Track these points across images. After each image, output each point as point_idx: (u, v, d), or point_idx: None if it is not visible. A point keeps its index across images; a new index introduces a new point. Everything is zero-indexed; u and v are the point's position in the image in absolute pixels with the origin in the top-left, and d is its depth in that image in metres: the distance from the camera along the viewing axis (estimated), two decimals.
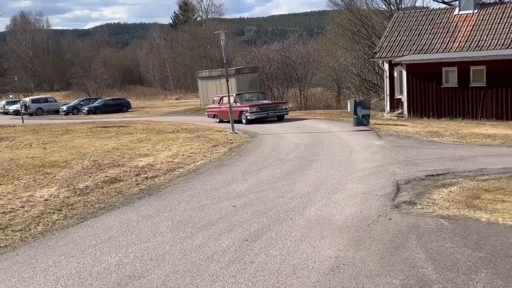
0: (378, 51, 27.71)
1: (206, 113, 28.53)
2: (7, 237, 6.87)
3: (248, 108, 23.29)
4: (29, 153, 15.17)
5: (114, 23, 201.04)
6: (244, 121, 23.75)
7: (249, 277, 5.02)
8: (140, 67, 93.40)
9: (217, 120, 26.12)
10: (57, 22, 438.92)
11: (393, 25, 28.62)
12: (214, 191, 9.33)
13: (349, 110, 22.09)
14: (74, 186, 10.03)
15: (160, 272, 5.29)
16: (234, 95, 24.92)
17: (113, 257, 5.84)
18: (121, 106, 49.66)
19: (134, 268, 5.45)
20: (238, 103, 23.89)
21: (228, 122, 22.42)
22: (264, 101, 25.35)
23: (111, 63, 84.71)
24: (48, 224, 7.51)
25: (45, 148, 16.43)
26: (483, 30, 24.91)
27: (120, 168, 11.89)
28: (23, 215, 7.96)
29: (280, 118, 24.40)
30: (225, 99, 24.35)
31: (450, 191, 8.36)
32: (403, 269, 5.03)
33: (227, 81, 21.77)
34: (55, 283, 5.14)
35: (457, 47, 24.83)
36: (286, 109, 25.27)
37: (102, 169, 11.81)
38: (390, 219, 6.88)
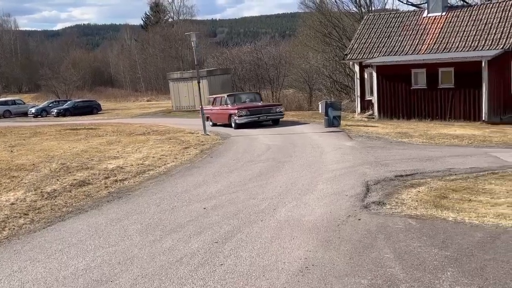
0: (349, 53, 27.98)
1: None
2: None
3: (236, 111, 21.41)
4: None
5: (84, 24, 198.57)
6: (233, 125, 21.88)
7: (219, 279, 5.01)
8: (111, 69, 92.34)
9: (210, 123, 23.61)
10: (25, 23, 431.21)
11: (364, 27, 28.93)
12: (184, 193, 9.29)
13: (320, 111, 22.26)
14: (42, 189, 9.86)
15: (128, 276, 5.23)
16: (225, 96, 23.44)
17: (80, 262, 5.75)
18: (91, 108, 49.03)
19: (101, 272, 5.38)
20: (229, 105, 22.38)
21: (223, 126, 22.66)
22: (256, 103, 23.10)
23: (81, 64, 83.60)
24: (14, 228, 7.36)
25: (12, 151, 16.12)
26: (451, 32, 25.34)
27: (89, 171, 11.73)
28: None
29: (275, 122, 22.40)
30: (219, 100, 23.62)
31: (419, 191, 8.47)
32: (371, 269, 5.08)
33: (199, 82, 21.71)
34: None
35: (426, 49, 25.21)
36: (281, 112, 22.63)
37: (70, 172, 11.63)
38: (359, 219, 6.94)
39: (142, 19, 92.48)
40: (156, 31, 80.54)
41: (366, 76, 26.64)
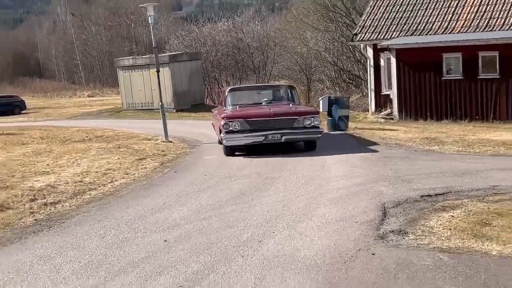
0: (360, 32, 28.12)
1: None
2: None
3: (222, 122, 15.56)
4: None
5: None
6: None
7: None
8: (39, 54, 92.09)
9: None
10: None
11: None
12: (138, 220, 9.27)
13: (321, 110, 22.35)
14: None
15: None
16: (226, 91, 18.42)
17: None
18: (12, 107, 48.73)
19: None
20: (229, 108, 16.95)
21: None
22: (275, 107, 16.62)
23: None
24: None
25: None
26: (495, 4, 25.51)
27: (9, 191, 11.65)
28: None
29: (309, 146, 16.20)
30: (222, 98, 18.82)
31: (452, 216, 8.51)
32: None
33: (158, 71, 21.61)
34: None
35: (462, 26, 25.40)
36: (316, 127, 15.80)
37: None
38: (373, 254, 6.97)
39: None
40: (100, 3, 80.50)
41: (382, 63, 26.78)
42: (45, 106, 54.57)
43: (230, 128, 15.18)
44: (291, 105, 16.98)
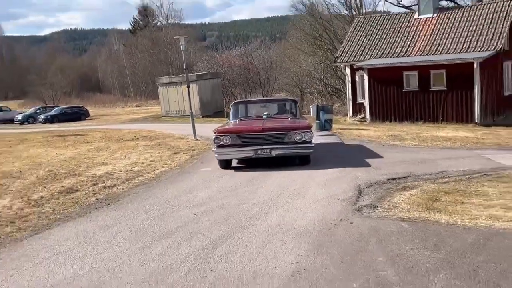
0: (340, 56, 28.10)
1: None
2: None
3: (213, 137, 12.48)
4: None
5: (71, 29, 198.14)
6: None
7: (209, 285, 5.01)
8: (99, 74, 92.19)
9: None
10: (11, 29, 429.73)
11: (354, 29, 29.08)
12: (174, 199, 9.27)
13: (311, 115, 22.31)
14: (29, 197, 9.82)
15: (118, 283, 5.22)
16: (231, 105, 15.31)
17: (68, 269, 5.73)
18: (79, 115, 48.86)
19: (90, 280, 5.36)
20: (232, 121, 14.01)
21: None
22: (262, 124, 12.72)
23: (69, 70, 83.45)
24: (0, 237, 7.33)
25: None
26: (443, 34, 25.53)
27: (77, 178, 11.70)
28: None
29: (303, 161, 12.54)
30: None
31: (411, 194, 8.52)
32: (363, 272, 5.10)
33: (188, 87, 21.68)
34: None
35: (418, 51, 25.38)
36: (307, 142, 12.26)
37: (58, 179, 11.59)
38: (351, 223, 6.97)
39: (130, 23, 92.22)
40: (145, 35, 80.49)
41: (357, 79, 26.77)
42: (104, 114, 54.68)
43: (221, 143, 12.10)
44: (289, 118, 13.37)
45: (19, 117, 49.59)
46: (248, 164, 12.55)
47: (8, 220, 8.19)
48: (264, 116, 13.64)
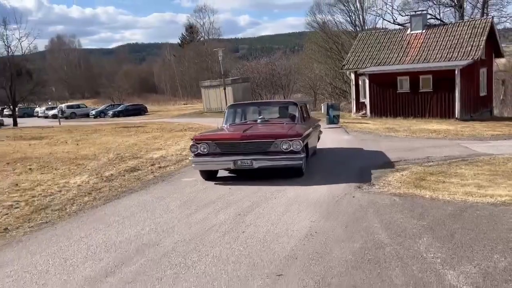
0: (346, 64, 27.81)
1: None
2: (47, 215, 6.90)
3: (190, 144, 9.07)
4: (64, 148, 15.14)
5: (133, 43, 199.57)
6: None
7: (241, 243, 5.10)
8: (155, 79, 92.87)
9: None
10: (86, 43, 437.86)
11: (358, 43, 28.71)
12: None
13: (322, 111, 22.21)
14: (101, 174, 10.05)
15: (170, 240, 5.35)
16: (226, 109, 11.21)
17: (133, 230, 5.88)
18: (139, 111, 49.48)
19: (149, 238, 5.51)
20: (224, 126, 10.33)
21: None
22: (242, 131, 8.89)
23: (131, 75, 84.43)
24: (80, 204, 7.54)
25: (77, 144, 16.41)
26: (430, 46, 25.07)
27: (138, 160, 11.92)
28: (60, 197, 7.99)
29: (294, 173, 8.75)
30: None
31: (402, 175, 8.46)
32: (363, 235, 5.13)
33: (224, 89, 21.79)
34: (87, 250, 5.19)
35: (409, 60, 24.96)
36: (296, 153, 8.41)
37: (123, 161, 11.83)
38: (353, 196, 6.98)
39: (179, 39, 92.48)
40: (190, 48, 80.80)
41: (360, 82, 26.48)
42: (158, 110, 55.20)
43: (198, 151, 8.68)
44: (285, 123, 9.67)
45: (93, 112, 50.48)
46: (239, 174, 9.33)
47: (86, 191, 8.43)
48: (258, 121, 10.03)
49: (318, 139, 11.95)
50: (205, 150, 8.67)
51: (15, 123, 35.36)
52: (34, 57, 52.22)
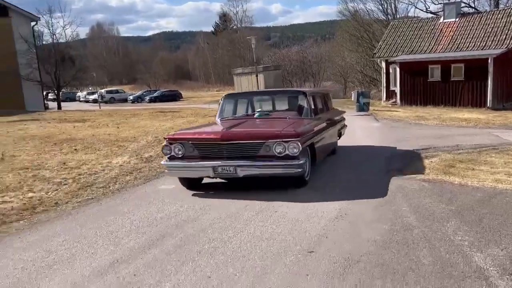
0: (377, 52, 27.37)
1: None
2: (93, 192, 7.21)
3: (163, 144, 6.98)
4: (106, 131, 15.58)
5: (168, 31, 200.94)
6: None
7: (274, 222, 5.22)
8: (189, 66, 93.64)
9: None
10: (124, 30, 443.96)
11: (390, 31, 28.16)
12: None
13: (353, 99, 22.00)
14: (141, 155, 10.34)
15: (208, 217, 5.52)
16: (221, 99, 8.91)
17: (172, 207, 6.08)
18: (174, 96, 50.18)
19: (187, 214, 5.69)
20: (217, 120, 8.35)
21: None
22: (225, 128, 6.79)
23: (167, 62, 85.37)
24: (122, 183, 7.82)
25: (118, 127, 16.84)
26: (463, 35, 24.34)
27: None
28: (104, 176, 8.30)
29: (296, 182, 6.67)
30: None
31: (431, 161, 8.38)
32: (391, 218, 5.16)
33: (256, 76, 21.81)
34: (130, 224, 5.43)
35: (441, 48, 24.34)
36: (294, 158, 6.23)
37: (161, 143, 12.02)
38: (382, 180, 6.98)
39: (213, 27, 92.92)
40: (224, 36, 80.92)
41: (391, 70, 26.06)
42: (192, 96, 55.77)
43: (172, 153, 6.74)
44: (288, 118, 7.55)
45: (131, 97, 51.50)
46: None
47: (127, 171, 8.71)
48: (256, 115, 7.96)
49: (340, 135, 9.84)
50: (179, 152, 6.58)
51: (59, 107, 36.47)
52: (76, 44, 53.46)
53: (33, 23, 32.45)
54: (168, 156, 6.74)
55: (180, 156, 6.65)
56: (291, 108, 8.29)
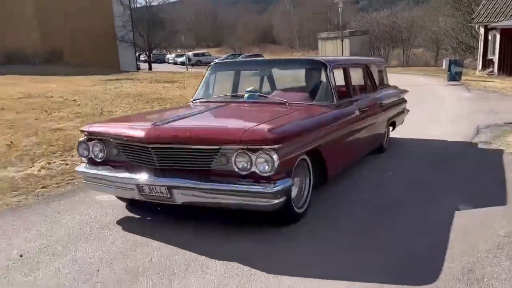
0: (476, 17, 25.43)
1: None
2: None
3: (79, 140, 4.19)
4: (193, 92, 16.35)
5: None
6: None
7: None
8: (274, 29, 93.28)
9: None
10: None
11: None
12: None
13: (444, 67, 20.93)
14: None
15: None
16: (207, 68, 5.74)
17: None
18: None
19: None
20: (192, 105, 5.50)
21: None
22: (161, 124, 3.76)
23: (251, 26, 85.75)
24: None
25: None
26: None
27: None
28: None
29: (282, 220, 3.74)
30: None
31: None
32: (472, 187, 5.07)
33: (342, 41, 21.39)
34: None
35: None
36: (265, 177, 3.31)
37: None
38: (467, 152, 6.80)
39: None
40: None
41: (490, 37, 24.14)
42: None
43: (90, 155, 4.07)
44: (288, 103, 4.59)
45: (216, 60, 52.52)
46: None
47: None
48: (245, 96, 5.14)
49: (393, 125, 7.20)
50: (100, 154, 4.10)
51: (150, 68, 38.59)
52: (168, 7, 55.50)
53: None
54: (87, 158, 4.18)
55: (100, 160, 4.11)
56: (302, 87, 5.37)
